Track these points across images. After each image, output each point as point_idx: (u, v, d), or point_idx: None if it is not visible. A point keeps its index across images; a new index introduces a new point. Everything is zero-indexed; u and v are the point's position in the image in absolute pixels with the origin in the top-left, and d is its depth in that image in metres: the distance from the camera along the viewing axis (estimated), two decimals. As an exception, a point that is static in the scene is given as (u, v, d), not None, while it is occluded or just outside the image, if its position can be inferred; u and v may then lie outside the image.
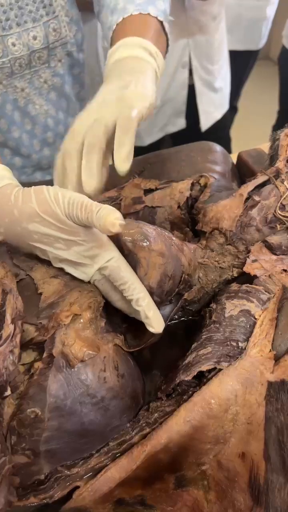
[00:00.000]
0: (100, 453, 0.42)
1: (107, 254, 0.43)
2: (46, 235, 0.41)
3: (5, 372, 0.37)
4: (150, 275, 0.43)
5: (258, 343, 0.43)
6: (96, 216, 0.39)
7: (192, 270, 0.48)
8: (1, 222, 0.42)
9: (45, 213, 0.41)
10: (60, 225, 0.41)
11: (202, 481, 0.41)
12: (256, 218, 0.52)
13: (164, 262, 0.44)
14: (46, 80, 0.78)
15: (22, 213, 0.41)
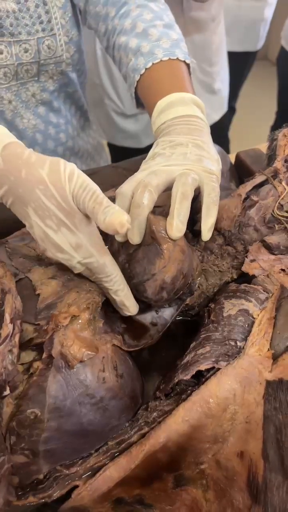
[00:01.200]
0: (99, 453, 0.42)
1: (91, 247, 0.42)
2: (43, 206, 0.40)
3: (4, 372, 0.37)
4: (168, 269, 0.43)
5: (256, 342, 0.43)
6: (102, 211, 0.38)
7: (196, 276, 0.48)
8: (6, 179, 0.40)
9: (53, 184, 0.39)
10: (61, 201, 0.40)
11: (201, 480, 0.41)
12: (255, 218, 0.52)
13: (183, 259, 0.44)
14: (34, 94, 0.76)
15: (29, 175, 0.39)
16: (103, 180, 0.65)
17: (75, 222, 0.41)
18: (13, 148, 0.41)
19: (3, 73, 0.69)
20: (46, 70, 0.74)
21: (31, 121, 0.79)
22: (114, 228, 0.38)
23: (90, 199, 0.39)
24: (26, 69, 0.71)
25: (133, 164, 0.69)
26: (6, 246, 0.47)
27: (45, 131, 0.82)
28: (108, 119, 1.30)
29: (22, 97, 0.75)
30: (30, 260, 0.46)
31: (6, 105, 0.73)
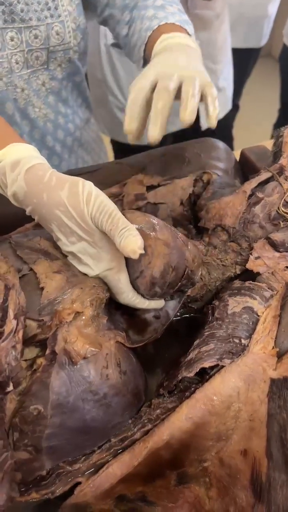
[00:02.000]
0: (102, 449, 0.41)
1: (109, 263, 0.44)
2: (64, 224, 0.42)
3: (8, 368, 0.37)
4: (154, 264, 0.43)
5: (261, 340, 0.43)
6: (119, 234, 0.40)
7: (196, 267, 0.47)
8: (30, 201, 0.43)
9: (72, 207, 0.41)
10: (80, 222, 0.41)
11: (204, 478, 0.41)
12: (260, 215, 0.52)
13: (169, 253, 0.44)
14: (44, 83, 0.77)
15: (50, 198, 0.42)
16: (108, 176, 0.65)
17: (95, 240, 0.42)
18: (35, 171, 0.43)
19: (15, 60, 0.70)
20: (55, 57, 0.75)
21: (42, 110, 0.80)
22: (127, 254, 0.39)
23: (107, 221, 0.41)
24: (36, 56, 0.72)
25: (138, 160, 0.69)
26: (10, 241, 0.47)
27: (55, 121, 0.83)
28: (111, 115, 1.30)
29: (33, 86, 0.76)
30: (36, 252, 0.45)
31: (19, 93, 0.74)
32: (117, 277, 0.44)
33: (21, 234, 0.50)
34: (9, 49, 0.68)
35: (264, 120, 2.31)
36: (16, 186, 0.43)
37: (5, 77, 0.71)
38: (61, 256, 0.46)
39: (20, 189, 0.43)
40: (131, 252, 0.39)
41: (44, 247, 0.47)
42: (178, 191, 0.59)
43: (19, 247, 0.46)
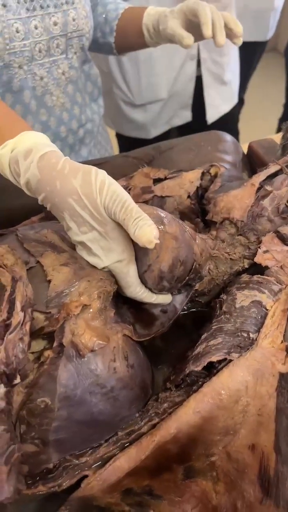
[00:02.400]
0: (109, 443, 0.41)
1: (119, 255, 0.43)
2: (77, 214, 0.42)
3: (15, 360, 0.37)
4: (162, 258, 0.43)
5: (269, 334, 0.43)
6: (133, 223, 0.39)
7: (204, 261, 0.47)
8: (43, 189, 0.42)
9: (85, 196, 0.41)
10: (93, 211, 0.41)
11: (211, 472, 0.41)
12: (268, 208, 0.51)
13: (178, 246, 0.43)
14: (64, 72, 0.79)
15: (63, 187, 0.41)
16: (114, 169, 0.64)
17: (107, 230, 0.42)
18: (48, 158, 0.42)
19: (38, 48, 0.72)
20: (72, 44, 0.77)
21: (60, 99, 0.81)
22: (142, 244, 0.39)
23: (121, 210, 0.40)
24: (56, 43, 0.74)
25: (144, 153, 0.68)
26: (17, 233, 0.47)
27: (71, 110, 0.84)
28: (116, 108, 1.29)
29: (54, 75, 0.77)
30: (43, 244, 0.45)
31: (38, 81, 0.75)
32: (126, 270, 0.43)
33: (27, 227, 0.50)
34: (33, 38, 0.70)
35: (269, 115, 2.30)
36: (29, 174, 0.42)
37: (26, 65, 0.71)
38: (68, 248, 0.46)
39: (33, 177, 0.42)
40: (147, 242, 0.38)
41: (51, 240, 0.46)
42: (185, 184, 0.59)
43: (26, 240, 0.45)
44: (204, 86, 1.24)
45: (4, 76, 0.70)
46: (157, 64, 1.17)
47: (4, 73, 0.70)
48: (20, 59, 0.70)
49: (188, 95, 1.26)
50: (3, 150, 0.44)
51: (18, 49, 0.69)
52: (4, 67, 0.69)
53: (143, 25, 0.80)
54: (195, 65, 1.21)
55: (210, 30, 0.68)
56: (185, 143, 0.68)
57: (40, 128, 0.81)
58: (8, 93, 0.73)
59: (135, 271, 0.44)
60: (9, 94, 0.73)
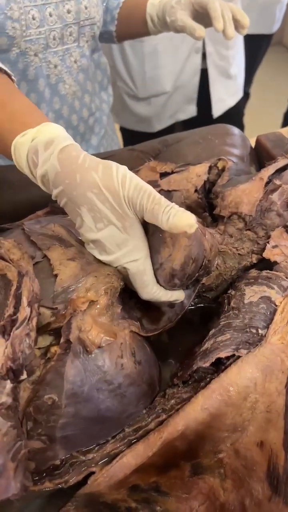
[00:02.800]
0: (116, 439, 0.41)
1: (137, 253, 0.42)
2: (95, 208, 0.41)
3: (21, 356, 0.36)
4: (174, 257, 0.42)
5: (279, 330, 0.42)
6: (164, 211, 0.38)
7: (213, 256, 0.46)
8: (61, 182, 0.41)
9: (106, 189, 0.40)
10: (114, 204, 0.40)
11: (219, 469, 0.40)
12: (277, 202, 0.51)
13: (190, 244, 0.43)
14: (76, 60, 0.79)
15: (83, 180, 0.40)
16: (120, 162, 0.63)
17: (126, 225, 0.41)
18: (69, 151, 0.41)
19: (53, 36, 0.72)
20: (84, 32, 0.78)
21: (72, 88, 0.81)
22: (182, 229, 0.38)
23: (148, 200, 0.39)
24: (70, 31, 0.75)
25: (151, 147, 0.68)
26: (23, 228, 0.46)
27: (82, 99, 0.85)
28: (121, 102, 1.28)
29: (66, 63, 0.77)
30: (50, 238, 0.44)
31: (52, 69, 0.76)
32: (143, 268, 0.42)
33: (34, 221, 0.49)
34: (48, 25, 0.70)
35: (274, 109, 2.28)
36: (48, 165, 0.41)
37: (41, 53, 0.72)
38: (75, 243, 0.45)
39: (52, 169, 0.41)
40: (187, 226, 0.37)
41: (58, 234, 0.46)
42: (192, 178, 0.58)
43: (32, 233, 0.45)
44: (210, 80, 1.23)
45: (20, 64, 0.70)
46: (161, 56, 1.16)
47: (20, 61, 0.70)
48: (36, 46, 0.70)
49: (193, 89, 1.25)
50: (23, 138, 0.43)
51: (34, 36, 0.69)
52: (20, 54, 0.69)
53: (147, 14, 0.80)
54: (200, 58, 1.20)
55: (221, 24, 0.68)
56: (192, 137, 0.67)
57: (53, 116, 0.81)
58: (23, 81, 0.73)
59: (151, 269, 0.43)
60: (24, 83, 0.73)
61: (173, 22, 0.74)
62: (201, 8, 0.71)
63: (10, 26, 0.65)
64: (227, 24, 0.69)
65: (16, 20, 0.65)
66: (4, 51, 0.67)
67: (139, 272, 0.43)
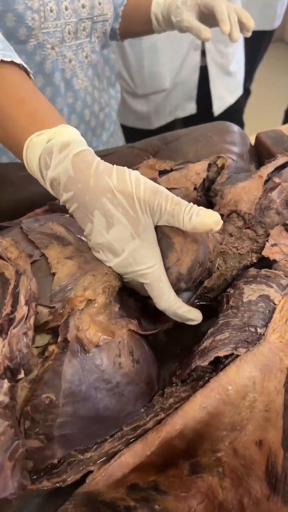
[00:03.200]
0: (114, 438, 0.41)
1: (151, 259, 0.41)
2: (108, 214, 0.40)
3: (19, 355, 0.36)
4: (182, 261, 0.42)
5: (277, 329, 0.42)
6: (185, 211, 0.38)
7: (215, 257, 0.46)
8: (73, 186, 0.41)
9: (120, 192, 0.40)
10: (128, 209, 0.40)
11: (217, 468, 0.40)
12: (276, 200, 0.50)
13: (197, 249, 0.43)
14: (87, 55, 0.80)
15: (97, 185, 0.40)
16: (120, 160, 0.63)
17: (139, 230, 0.40)
18: (84, 156, 0.41)
19: (68, 30, 0.73)
20: (96, 28, 0.78)
21: (84, 82, 0.82)
22: (208, 227, 0.38)
23: (166, 201, 0.39)
24: (83, 26, 0.76)
25: (150, 144, 0.67)
26: (21, 226, 0.46)
27: (92, 94, 0.85)
28: (120, 99, 1.28)
29: (79, 57, 0.78)
30: (48, 236, 0.44)
31: (66, 64, 0.76)
32: (158, 275, 0.42)
33: (32, 219, 0.49)
34: (63, 19, 0.71)
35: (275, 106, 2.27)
36: (62, 168, 0.41)
37: (57, 47, 0.72)
38: (74, 241, 0.45)
39: (64, 172, 0.41)
40: (214, 223, 0.37)
41: (57, 232, 0.45)
42: (191, 176, 0.58)
43: (30, 232, 0.45)
44: (210, 77, 1.23)
45: (37, 56, 0.71)
46: (160, 53, 1.16)
47: (37, 53, 0.71)
48: (53, 39, 0.71)
49: (192, 86, 1.25)
50: (39, 137, 0.43)
51: (51, 29, 0.70)
52: (37, 46, 0.70)
53: (152, 13, 0.81)
54: (199, 56, 1.20)
55: (228, 27, 0.69)
56: (191, 134, 0.67)
57: (67, 111, 0.81)
58: (39, 74, 0.73)
59: (166, 276, 0.43)
60: (41, 76, 0.74)
61: (179, 22, 0.75)
62: (207, 10, 0.72)
63: (29, 17, 0.65)
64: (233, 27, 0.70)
65: (35, 11, 0.66)
66: (23, 42, 0.68)
67: (155, 279, 0.42)
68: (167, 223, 0.40)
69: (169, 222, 0.40)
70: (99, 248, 0.43)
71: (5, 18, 0.64)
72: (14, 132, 0.44)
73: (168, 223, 0.40)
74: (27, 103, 0.45)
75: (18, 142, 0.44)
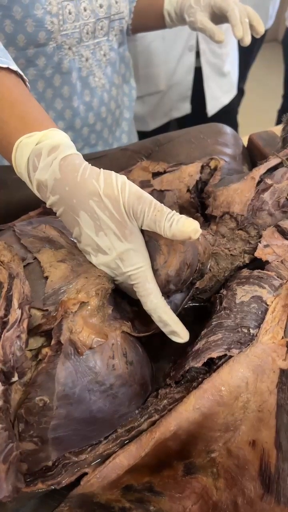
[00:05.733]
0: (108, 440, 0.41)
1: (139, 260, 0.42)
2: (95, 216, 0.41)
3: (12, 358, 0.36)
4: (170, 263, 0.42)
5: (270, 330, 0.42)
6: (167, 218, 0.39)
7: (206, 259, 0.47)
8: (60, 189, 0.41)
9: (107, 196, 0.40)
10: (114, 212, 0.40)
11: (211, 469, 0.41)
12: (269, 202, 0.51)
13: (185, 250, 0.43)
14: (105, 53, 0.81)
15: (84, 188, 0.40)
16: (113, 162, 0.64)
17: (125, 233, 0.41)
18: (72, 159, 0.42)
19: (86, 30, 0.74)
20: (113, 27, 0.79)
21: (101, 80, 0.83)
22: (187, 235, 0.38)
23: (149, 208, 0.39)
24: (101, 25, 0.77)
25: (143, 146, 0.68)
26: (14, 229, 0.46)
27: (109, 91, 0.86)
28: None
29: (97, 56, 0.79)
30: (40, 240, 0.44)
31: (83, 63, 0.78)
32: (145, 276, 0.42)
33: (25, 222, 0.49)
34: (82, 20, 0.72)
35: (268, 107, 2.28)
36: (49, 171, 0.41)
37: (74, 47, 0.74)
38: (66, 244, 0.45)
39: (51, 175, 0.41)
40: (192, 232, 0.38)
41: (49, 235, 0.46)
42: (184, 177, 0.58)
43: (23, 236, 0.45)
44: (204, 78, 1.23)
45: (55, 57, 0.72)
46: (155, 55, 1.16)
47: (56, 54, 0.72)
48: (71, 40, 0.72)
49: (187, 87, 1.25)
50: (28, 139, 0.43)
51: (70, 30, 0.71)
52: (56, 48, 0.71)
53: (165, 10, 0.82)
54: (193, 56, 1.20)
55: (241, 32, 0.70)
56: (184, 136, 0.67)
57: (84, 108, 0.82)
58: (57, 74, 0.75)
59: (153, 277, 0.43)
60: (58, 75, 0.75)
61: (193, 22, 0.76)
62: (220, 12, 0.73)
63: (49, 21, 0.67)
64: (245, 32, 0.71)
65: (54, 15, 0.67)
66: (42, 45, 0.69)
67: (141, 280, 0.42)
68: (148, 228, 0.41)
69: (151, 227, 0.40)
70: (89, 250, 0.43)
71: (25, 24, 0.66)
72: (4, 134, 0.45)
73: (150, 228, 0.40)
74: (18, 106, 0.46)
75: (8, 143, 0.44)
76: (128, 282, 0.43)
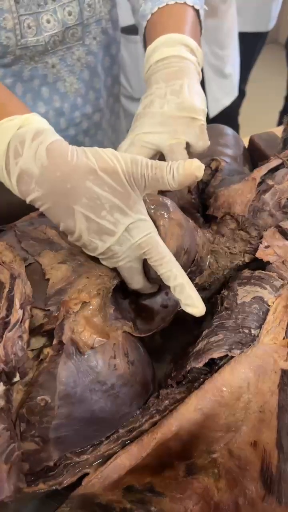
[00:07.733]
0: (110, 440, 0.41)
1: (147, 227, 0.41)
2: (96, 197, 0.39)
3: (14, 358, 0.36)
4: (167, 244, 0.42)
5: (271, 330, 0.42)
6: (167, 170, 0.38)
7: (205, 254, 0.47)
8: (50, 176, 0.38)
9: (104, 171, 0.38)
10: (115, 185, 0.38)
11: (213, 469, 0.41)
12: (269, 202, 0.51)
13: (182, 234, 0.43)
14: (80, 58, 0.76)
15: (76, 169, 0.38)
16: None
17: (130, 204, 0.40)
18: (58, 144, 0.40)
19: (53, 41, 0.69)
20: (89, 31, 0.74)
21: (74, 85, 0.79)
22: (193, 176, 0.38)
23: (147, 168, 0.39)
24: (72, 32, 0.71)
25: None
26: (15, 230, 0.46)
27: (86, 96, 0.82)
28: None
29: (67, 62, 0.75)
30: (41, 243, 0.45)
31: (49, 69, 0.73)
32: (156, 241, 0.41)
33: (26, 222, 0.49)
34: (46, 32, 0.67)
35: (270, 108, 2.28)
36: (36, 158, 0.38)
37: (37, 57, 0.70)
38: (66, 245, 0.45)
39: (38, 162, 0.38)
40: (196, 169, 0.37)
41: (50, 236, 0.46)
42: (185, 178, 0.58)
43: (24, 238, 0.45)
44: (205, 79, 1.23)
45: (14, 66, 0.69)
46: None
47: (15, 64, 0.68)
48: (33, 52, 0.68)
49: None
50: (9, 123, 0.41)
51: (30, 44, 0.67)
52: (15, 59, 0.67)
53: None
54: (195, 58, 1.20)
55: None
56: (185, 137, 0.67)
57: (53, 114, 0.79)
58: (18, 82, 0.71)
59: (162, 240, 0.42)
60: (20, 84, 0.72)
61: None
62: None
63: (3, 36, 0.63)
64: None
65: (10, 30, 0.63)
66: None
67: (154, 245, 0.41)
68: (154, 189, 0.40)
69: (156, 186, 0.39)
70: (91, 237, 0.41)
71: None
72: None
73: (155, 188, 0.39)
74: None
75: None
76: (138, 253, 0.41)
